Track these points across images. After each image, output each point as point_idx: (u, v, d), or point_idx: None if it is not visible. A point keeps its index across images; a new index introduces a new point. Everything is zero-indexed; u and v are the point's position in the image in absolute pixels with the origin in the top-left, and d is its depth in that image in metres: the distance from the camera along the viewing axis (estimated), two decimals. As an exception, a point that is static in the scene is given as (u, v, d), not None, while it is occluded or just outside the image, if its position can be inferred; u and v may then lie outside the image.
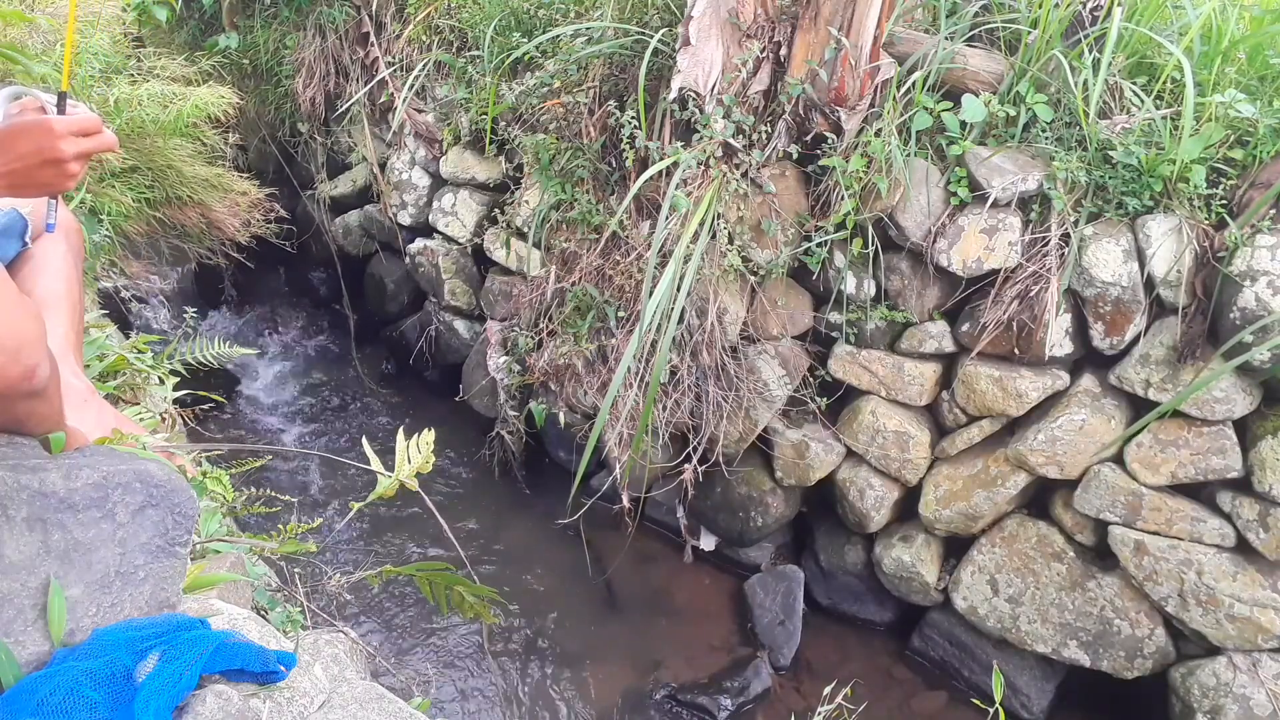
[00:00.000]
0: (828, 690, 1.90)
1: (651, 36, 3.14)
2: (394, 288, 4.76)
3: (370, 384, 4.67)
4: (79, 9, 3.51)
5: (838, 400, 3.23)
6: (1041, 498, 3.05)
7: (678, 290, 2.92)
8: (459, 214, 4.17)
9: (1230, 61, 2.80)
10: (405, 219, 4.45)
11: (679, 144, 3.08)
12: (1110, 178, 2.69)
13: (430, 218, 4.31)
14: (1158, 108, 2.72)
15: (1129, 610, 2.84)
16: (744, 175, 3.03)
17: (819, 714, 1.79)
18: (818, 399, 3.22)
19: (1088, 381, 2.83)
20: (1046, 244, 2.71)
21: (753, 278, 3.14)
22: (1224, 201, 2.60)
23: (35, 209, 1.55)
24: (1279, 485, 2.54)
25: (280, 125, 5.10)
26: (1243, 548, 2.67)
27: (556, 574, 3.52)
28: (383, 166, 4.60)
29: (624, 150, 3.18)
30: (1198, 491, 2.78)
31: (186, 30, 5.21)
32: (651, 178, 3.05)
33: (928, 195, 2.85)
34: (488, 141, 3.91)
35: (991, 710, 1.57)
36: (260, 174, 4.74)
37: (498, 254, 3.97)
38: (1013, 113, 2.87)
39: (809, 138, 3.03)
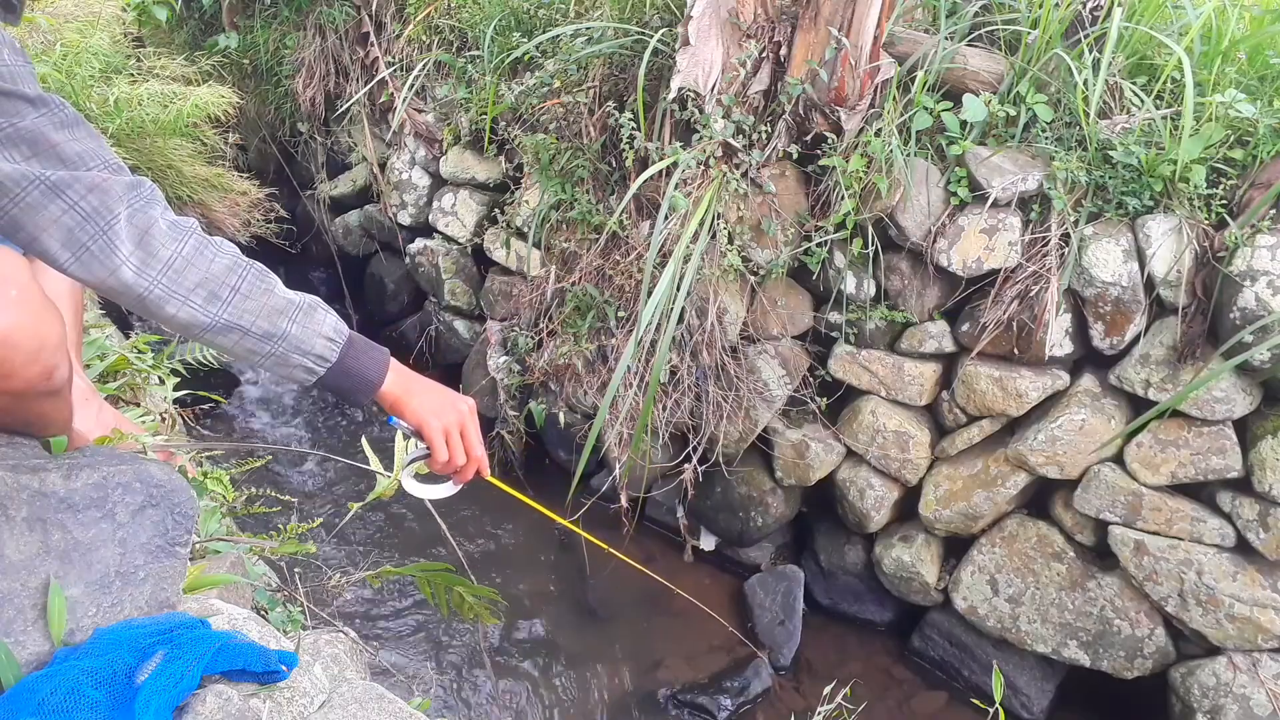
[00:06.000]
0: (828, 690, 1.90)
1: (651, 36, 3.14)
2: (394, 288, 4.76)
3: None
4: (80, 8, 3.51)
5: (838, 400, 3.23)
6: (1041, 498, 3.05)
7: (677, 290, 2.92)
8: (459, 214, 4.17)
9: (1230, 61, 2.80)
10: (405, 219, 4.45)
11: (678, 144, 3.08)
12: (1110, 178, 2.69)
13: (430, 218, 4.31)
14: (1158, 108, 2.72)
15: (1129, 610, 2.84)
16: (744, 175, 3.03)
17: (819, 714, 1.79)
18: (818, 399, 3.22)
19: (1088, 381, 2.83)
20: (1046, 244, 2.71)
21: (753, 278, 3.14)
22: (1224, 201, 2.60)
23: None
24: (1279, 485, 2.54)
25: (280, 125, 5.10)
26: (1243, 548, 2.67)
27: (556, 574, 3.52)
28: (383, 166, 4.61)
29: (624, 150, 3.18)
30: (1198, 491, 2.78)
31: (186, 30, 5.22)
32: (651, 178, 3.05)
33: (928, 195, 2.85)
34: (487, 141, 3.91)
35: (991, 710, 1.57)
36: (260, 174, 4.74)
37: (498, 254, 3.97)
38: (1013, 113, 2.87)
39: (809, 138, 3.03)
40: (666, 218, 2.98)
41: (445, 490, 1.42)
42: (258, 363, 1.17)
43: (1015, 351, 2.83)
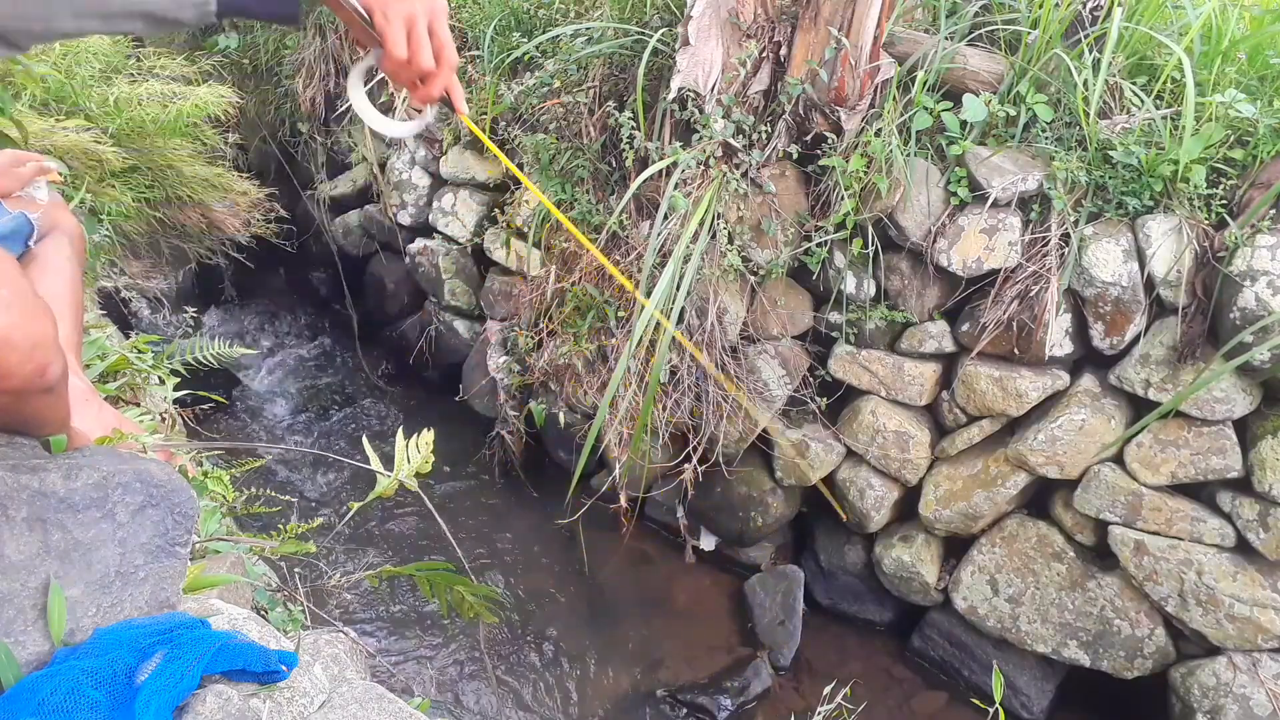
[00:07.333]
0: (828, 690, 1.90)
1: (651, 36, 3.14)
2: (394, 288, 4.76)
3: (370, 384, 4.67)
4: (79, 9, 3.50)
5: (838, 400, 3.23)
6: (1041, 498, 3.05)
7: (677, 290, 2.92)
8: (459, 214, 4.17)
9: (1230, 61, 2.80)
10: (405, 219, 4.45)
11: (678, 144, 3.08)
12: (1110, 178, 2.69)
13: (430, 218, 4.31)
14: (1158, 108, 2.72)
15: (1129, 610, 2.84)
16: (744, 175, 3.03)
17: (819, 714, 1.79)
18: (818, 399, 3.22)
19: (1088, 381, 2.83)
20: (1046, 244, 2.71)
21: (753, 278, 3.14)
22: (1224, 201, 2.60)
23: (43, 213, 1.57)
24: (1279, 485, 2.54)
25: (280, 125, 5.10)
26: (1243, 548, 2.67)
27: (557, 574, 3.52)
28: (383, 166, 4.60)
29: (624, 150, 3.18)
30: (1198, 491, 2.78)
31: (186, 30, 5.21)
32: (651, 178, 3.05)
33: (928, 195, 2.85)
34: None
35: (991, 710, 1.57)
36: (260, 174, 4.74)
37: (498, 254, 3.97)
38: (1013, 113, 2.87)
39: (809, 138, 3.03)
40: (666, 218, 2.98)
41: (405, 127, 1.08)
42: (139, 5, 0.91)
43: (1015, 351, 2.83)
